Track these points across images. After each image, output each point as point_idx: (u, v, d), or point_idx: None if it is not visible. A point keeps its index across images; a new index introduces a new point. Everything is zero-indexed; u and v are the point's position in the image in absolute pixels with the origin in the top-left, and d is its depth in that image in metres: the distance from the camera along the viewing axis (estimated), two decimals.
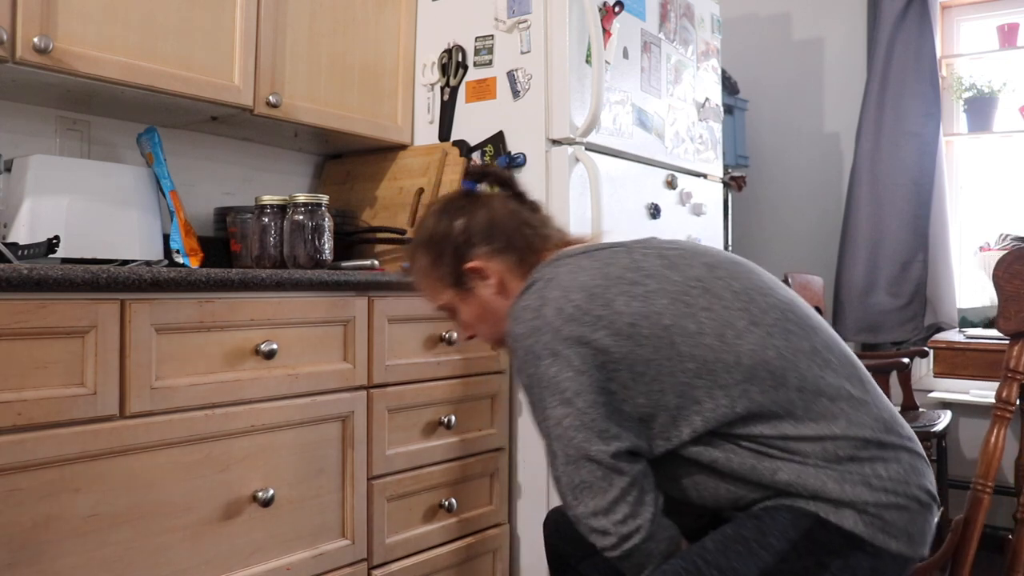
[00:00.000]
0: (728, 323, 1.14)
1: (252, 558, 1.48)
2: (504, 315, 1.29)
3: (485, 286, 1.33)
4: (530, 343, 1.17)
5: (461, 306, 1.36)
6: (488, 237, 1.31)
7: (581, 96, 2.06)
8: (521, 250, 1.32)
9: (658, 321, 1.14)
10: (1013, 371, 1.43)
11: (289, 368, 1.54)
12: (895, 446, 1.15)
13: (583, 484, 1.14)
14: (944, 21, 3.36)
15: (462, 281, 1.33)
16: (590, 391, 1.13)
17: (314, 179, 2.49)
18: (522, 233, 1.33)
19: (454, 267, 1.33)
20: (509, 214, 1.34)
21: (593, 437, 1.13)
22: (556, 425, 1.15)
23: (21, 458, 1.18)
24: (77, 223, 1.69)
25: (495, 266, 1.31)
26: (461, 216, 1.33)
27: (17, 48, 1.52)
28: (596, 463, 1.12)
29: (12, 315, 1.17)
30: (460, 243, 1.32)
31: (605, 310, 1.15)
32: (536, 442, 2.04)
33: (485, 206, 1.34)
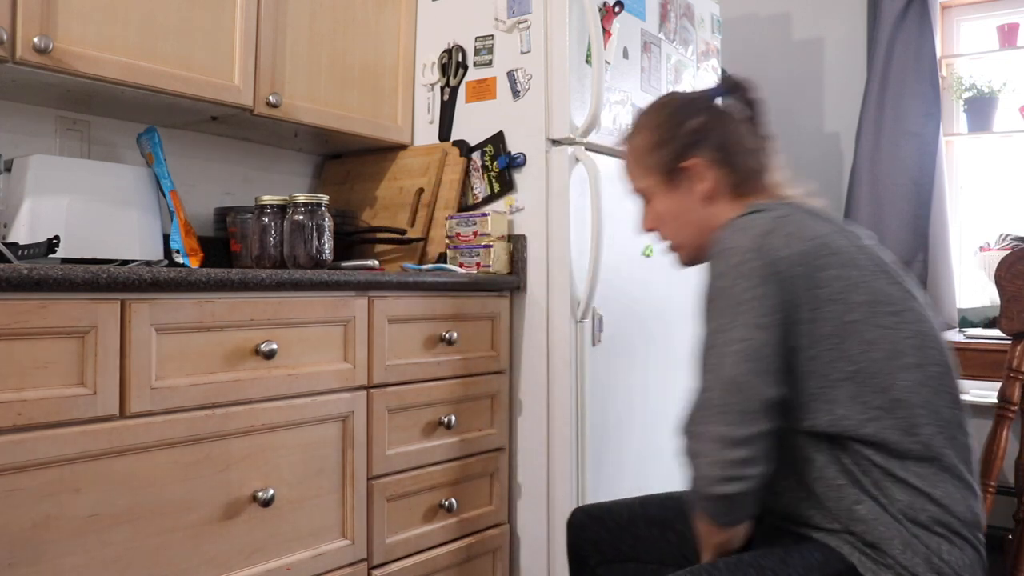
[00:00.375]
0: (900, 352, 1.13)
1: (252, 558, 1.48)
2: (697, 223, 1.30)
3: (694, 189, 1.30)
4: (743, 258, 1.13)
5: (660, 197, 1.34)
6: (718, 147, 1.29)
7: (581, 96, 2.06)
8: (742, 174, 1.30)
9: (846, 313, 1.13)
10: (1016, 371, 1.45)
11: (289, 368, 1.54)
12: (969, 541, 1.13)
13: (727, 407, 1.09)
14: (944, 21, 3.36)
15: (674, 175, 1.31)
16: (775, 333, 1.11)
17: (314, 179, 2.49)
18: (750, 159, 1.30)
19: (673, 159, 1.31)
20: (744, 136, 1.31)
21: (763, 373, 1.10)
22: (728, 343, 1.11)
23: (21, 458, 1.18)
24: (77, 223, 1.69)
25: (712, 175, 1.29)
26: (701, 116, 1.31)
27: (17, 48, 1.52)
28: (753, 397, 1.09)
29: (12, 315, 1.17)
30: (689, 140, 1.30)
31: (819, 272, 1.13)
32: (536, 442, 2.04)
33: (726, 118, 1.32)
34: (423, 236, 2.15)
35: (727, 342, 1.11)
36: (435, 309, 1.85)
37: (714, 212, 1.31)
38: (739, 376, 1.09)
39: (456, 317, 1.91)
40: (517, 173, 2.09)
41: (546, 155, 2.05)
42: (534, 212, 2.06)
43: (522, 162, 2.07)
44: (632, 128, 1.39)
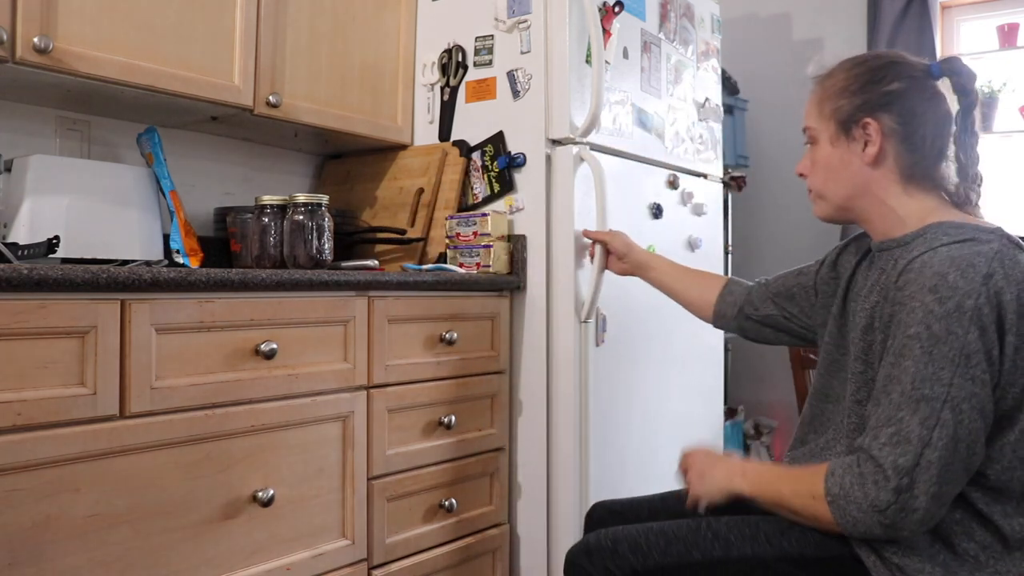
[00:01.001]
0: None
1: (252, 558, 1.48)
2: (850, 184, 1.24)
3: (861, 149, 1.23)
4: (977, 304, 1.05)
5: (823, 144, 1.28)
6: (906, 120, 1.20)
7: (581, 96, 2.06)
8: (921, 158, 1.21)
9: None
10: None
11: (289, 368, 1.54)
12: None
13: (949, 468, 1.04)
14: (944, 21, 3.36)
15: (848, 125, 1.24)
16: (989, 389, 1.06)
17: (314, 179, 2.49)
18: (935, 146, 1.21)
19: (853, 112, 1.23)
20: (942, 123, 1.22)
21: (983, 432, 1.06)
22: (958, 399, 1.04)
23: (21, 458, 1.18)
24: (77, 223, 1.69)
25: (886, 144, 1.21)
26: (904, 83, 1.21)
27: (17, 48, 1.51)
28: (975, 462, 1.06)
29: (12, 315, 1.17)
30: (877, 100, 1.22)
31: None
32: (536, 442, 2.04)
33: (931, 96, 1.22)
34: (423, 236, 2.15)
35: (957, 398, 1.04)
36: (435, 309, 1.85)
37: (872, 181, 1.23)
38: (967, 437, 1.04)
39: (456, 317, 1.90)
40: (517, 173, 2.09)
41: (548, 155, 2.05)
42: (534, 212, 2.06)
43: (522, 162, 2.07)
44: (831, 68, 1.31)
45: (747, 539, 1.17)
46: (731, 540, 1.17)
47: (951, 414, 1.03)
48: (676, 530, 1.21)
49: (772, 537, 1.17)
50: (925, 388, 1.04)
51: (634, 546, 1.22)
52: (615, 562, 1.21)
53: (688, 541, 1.19)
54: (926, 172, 1.22)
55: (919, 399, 1.04)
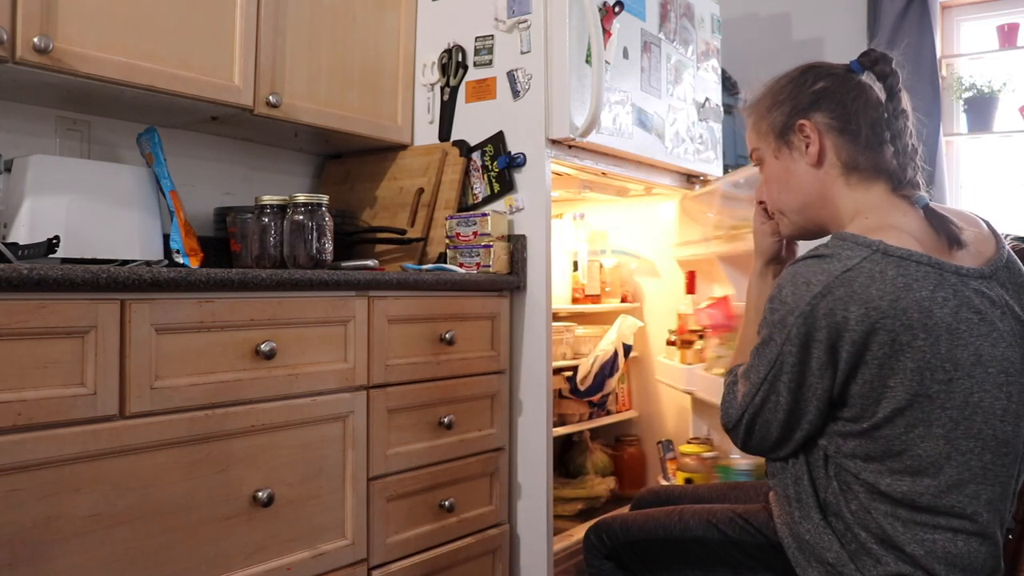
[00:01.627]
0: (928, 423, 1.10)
1: (252, 558, 1.48)
2: (800, 190, 1.26)
3: (802, 151, 1.25)
4: (789, 319, 1.12)
5: (769, 160, 1.31)
6: (838, 113, 1.23)
7: (581, 96, 2.06)
8: (860, 147, 1.22)
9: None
10: None
11: (289, 368, 1.54)
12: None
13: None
14: (944, 21, 3.36)
15: (786, 133, 1.26)
16: (795, 399, 1.17)
17: (314, 179, 2.49)
18: (871, 134, 1.22)
19: (786, 117, 1.26)
20: (872, 109, 1.23)
21: (784, 428, 1.22)
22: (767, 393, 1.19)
23: (21, 458, 1.18)
24: (77, 223, 1.68)
25: (824, 141, 1.23)
26: (828, 81, 1.25)
27: (17, 48, 1.51)
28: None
29: (12, 315, 1.17)
30: (806, 101, 1.24)
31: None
32: (536, 442, 2.04)
33: (857, 88, 1.24)
34: (423, 236, 2.15)
35: (766, 393, 1.17)
36: (435, 309, 1.85)
37: (819, 181, 1.24)
38: (775, 420, 1.19)
39: (456, 317, 1.90)
40: (517, 173, 2.09)
41: (546, 155, 2.05)
42: (534, 212, 2.06)
43: (522, 162, 2.07)
44: (758, 92, 1.35)
45: (701, 525, 1.38)
46: (689, 524, 1.39)
47: (760, 401, 1.18)
48: (657, 514, 1.45)
49: (721, 524, 1.36)
50: (751, 373, 1.19)
51: (623, 525, 1.48)
52: (609, 536, 1.48)
53: (659, 522, 1.43)
54: (868, 160, 1.22)
55: (748, 372, 1.20)
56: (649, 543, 1.43)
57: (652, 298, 2.80)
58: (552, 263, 2.08)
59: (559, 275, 2.45)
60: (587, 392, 2.47)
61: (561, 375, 2.46)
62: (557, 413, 2.40)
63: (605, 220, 2.85)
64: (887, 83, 1.25)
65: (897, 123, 1.22)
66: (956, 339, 1.07)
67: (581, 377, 2.46)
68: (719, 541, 1.35)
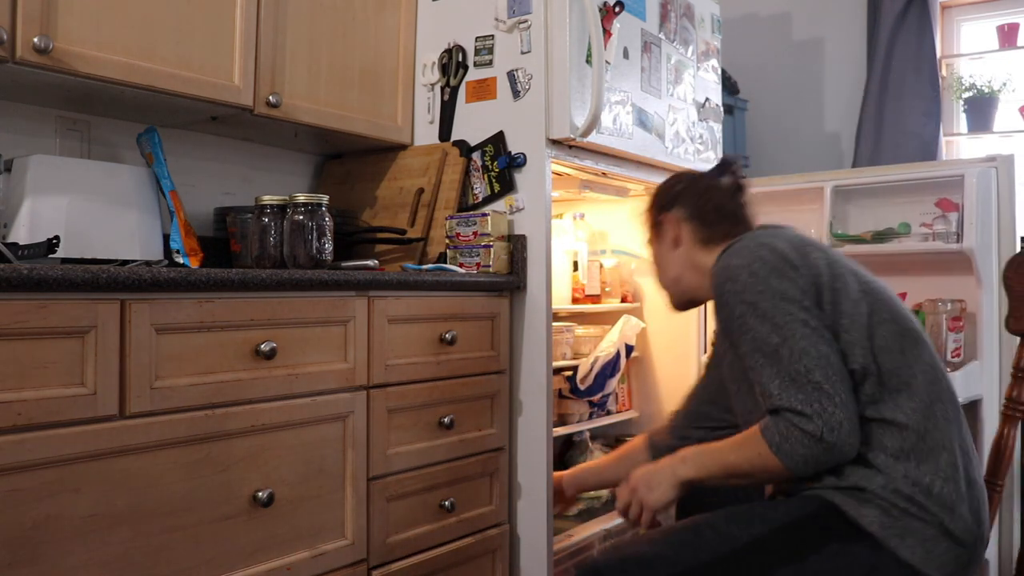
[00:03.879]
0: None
1: (252, 558, 1.48)
2: (670, 268, 1.62)
3: (668, 238, 1.61)
4: (754, 266, 1.34)
5: (651, 246, 1.68)
6: (688, 206, 1.59)
7: (581, 96, 2.06)
8: (711, 227, 1.57)
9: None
10: (1022, 371, 1.44)
11: (289, 368, 1.54)
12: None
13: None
14: (944, 21, 3.36)
15: (656, 228, 1.64)
16: (812, 309, 1.32)
17: (314, 179, 2.49)
18: (721, 217, 1.57)
19: (657, 213, 1.64)
20: (719, 201, 1.59)
21: (833, 341, 1.34)
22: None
23: (21, 458, 1.18)
24: (77, 223, 1.68)
25: (681, 228, 1.59)
26: (684, 182, 1.64)
27: (17, 48, 1.51)
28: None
29: (12, 315, 1.17)
30: (669, 200, 1.62)
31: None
32: (536, 442, 2.04)
33: (703, 185, 1.62)
34: (423, 236, 2.15)
35: (797, 329, 1.28)
36: (435, 309, 1.85)
37: (685, 257, 1.59)
38: (827, 347, 1.29)
39: (456, 317, 1.90)
40: (517, 173, 2.09)
41: (546, 155, 2.05)
42: (534, 212, 2.06)
43: (522, 162, 2.07)
44: (652, 194, 1.70)
45: (745, 525, 1.27)
46: (733, 533, 1.26)
47: (804, 342, 1.26)
48: (679, 537, 1.29)
49: (765, 514, 1.28)
50: (773, 339, 1.27)
51: (642, 562, 1.27)
52: None
53: (694, 545, 1.26)
54: (718, 235, 1.55)
55: (775, 349, 1.27)
56: (694, 573, 1.26)
57: (652, 298, 2.80)
58: (552, 263, 2.08)
59: (559, 275, 2.45)
60: (587, 392, 2.47)
61: (561, 375, 2.46)
62: (557, 413, 2.40)
63: (605, 220, 2.85)
64: (737, 180, 1.62)
65: (739, 206, 1.59)
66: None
67: (581, 377, 2.46)
68: (772, 532, 1.26)
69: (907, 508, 1.21)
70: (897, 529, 1.20)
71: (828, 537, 1.22)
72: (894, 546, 1.20)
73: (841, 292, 1.32)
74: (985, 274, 2.32)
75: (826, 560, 1.21)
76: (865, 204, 2.60)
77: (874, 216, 2.57)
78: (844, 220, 2.62)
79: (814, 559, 1.21)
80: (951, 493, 1.23)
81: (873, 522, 1.21)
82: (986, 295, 2.33)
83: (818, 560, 1.21)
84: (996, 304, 2.35)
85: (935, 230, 2.37)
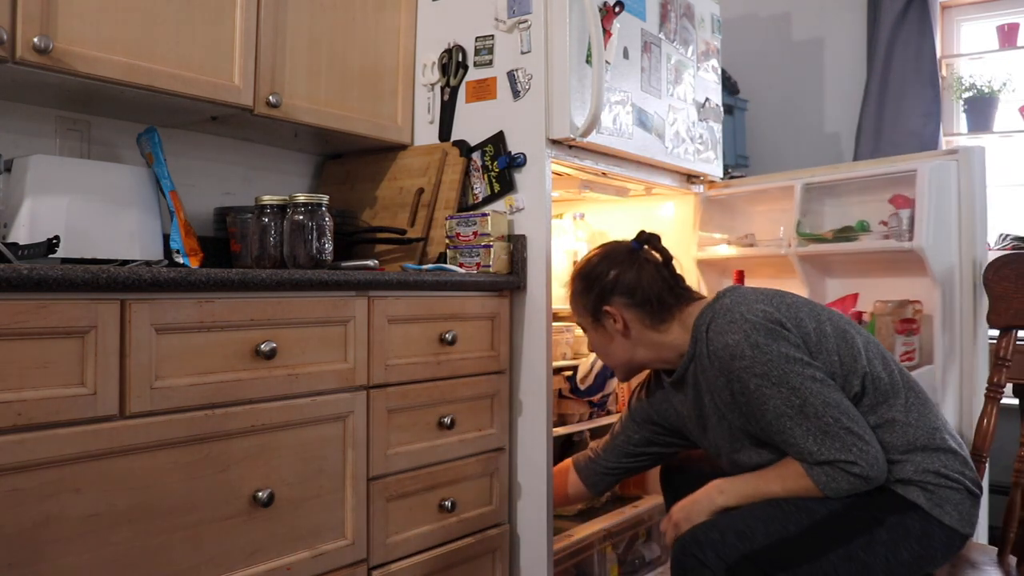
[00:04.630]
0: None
1: (252, 558, 1.48)
2: (621, 353, 1.65)
3: (614, 326, 1.63)
4: (752, 338, 1.44)
5: (591, 333, 1.70)
6: (629, 293, 1.61)
7: (581, 96, 2.06)
8: (653, 306, 1.61)
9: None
10: (1002, 359, 1.69)
11: (289, 368, 1.54)
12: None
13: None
14: (944, 21, 3.36)
15: (598, 315, 1.65)
16: (812, 361, 1.47)
17: (314, 179, 2.49)
18: (658, 297, 1.61)
19: (596, 303, 1.64)
20: (652, 280, 1.62)
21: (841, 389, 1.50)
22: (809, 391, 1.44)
23: (21, 458, 1.18)
24: (77, 223, 1.68)
25: (627, 314, 1.62)
26: (617, 268, 1.63)
27: (17, 48, 1.51)
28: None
29: (12, 315, 1.17)
30: (606, 288, 1.63)
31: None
32: (536, 442, 2.04)
33: (637, 267, 1.63)
34: (423, 236, 2.15)
35: (812, 385, 1.42)
36: (435, 309, 1.85)
37: (637, 341, 1.63)
38: (840, 394, 1.44)
39: (456, 317, 1.90)
40: (517, 173, 2.09)
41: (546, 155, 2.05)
42: (534, 212, 2.06)
43: (522, 162, 2.07)
44: (571, 276, 1.72)
45: (822, 502, 1.41)
46: (812, 507, 1.40)
47: (822, 395, 1.40)
48: (767, 512, 1.42)
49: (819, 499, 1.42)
50: (795, 401, 1.41)
51: (739, 533, 1.40)
52: (725, 551, 1.38)
53: (780, 518, 1.40)
54: (663, 311, 1.61)
55: (800, 409, 1.41)
56: (783, 544, 1.39)
57: None
58: (552, 263, 2.08)
59: (559, 275, 2.45)
60: (587, 392, 2.47)
61: (561, 375, 2.46)
62: (557, 413, 2.40)
63: (605, 220, 2.85)
64: (664, 254, 1.66)
65: (673, 277, 1.65)
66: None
67: (581, 377, 2.45)
68: (845, 507, 1.40)
69: (940, 483, 1.41)
70: (937, 500, 1.41)
71: (888, 510, 1.40)
72: (938, 514, 1.40)
73: (825, 333, 1.49)
74: (940, 273, 2.17)
75: (889, 530, 1.39)
76: (835, 203, 2.52)
77: (842, 214, 2.47)
78: (819, 218, 2.52)
79: (879, 531, 1.39)
80: (959, 458, 1.45)
81: (919, 497, 1.41)
82: (944, 296, 2.18)
83: (882, 532, 1.39)
84: (958, 304, 2.20)
85: (890, 227, 2.26)
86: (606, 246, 1.72)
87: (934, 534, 1.40)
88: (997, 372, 1.69)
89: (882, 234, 2.30)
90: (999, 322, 1.71)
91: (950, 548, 1.42)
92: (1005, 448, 2.01)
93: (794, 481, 1.43)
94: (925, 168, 2.19)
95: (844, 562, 1.38)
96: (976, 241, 2.19)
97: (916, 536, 1.39)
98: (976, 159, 2.21)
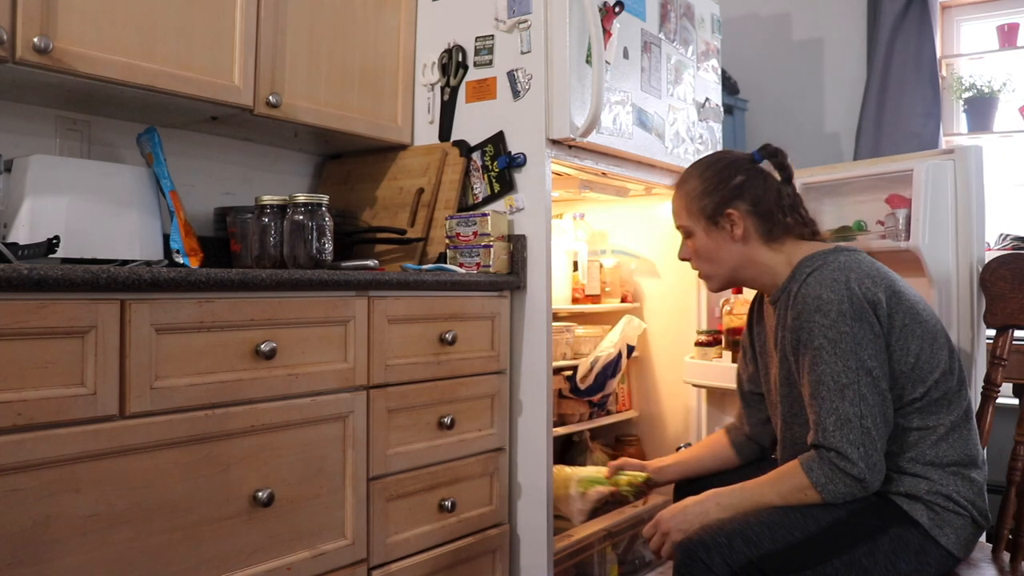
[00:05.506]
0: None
1: (252, 558, 1.48)
2: (731, 261, 1.62)
3: (731, 232, 1.60)
4: (843, 307, 1.43)
5: (700, 236, 1.64)
6: (755, 201, 1.59)
7: (581, 96, 2.06)
8: (772, 223, 1.59)
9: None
10: (998, 358, 1.72)
11: (289, 368, 1.54)
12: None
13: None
14: (944, 21, 3.36)
15: (716, 218, 1.61)
16: (883, 360, 1.46)
17: (314, 179, 2.49)
18: (779, 212, 1.60)
19: (719, 205, 1.60)
20: (777, 194, 1.61)
21: (888, 393, 1.49)
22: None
23: (21, 458, 1.18)
24: (77, 223, 1.68)
25: (747, 223, 1.59)
26: (743, 175, 1.61)
27: (17, 48, 1.51)
28: (886, 432, 1.50)
29: (12, 315, 1.17)
30: (732, 192, 1.60)
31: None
32: (536, 442, 2.04)
33: (764, 177, 1.62)
34: (423, 236, 2.15)
35: (864, 376, 1.42)
36: (435, 309, 1.85)
37: (746, 252, 1.61)
38: (882, 398, 1.43)
39: (456, 317, 1.90)
40: (517, 173, 2.09)
41: (546, 155, 2.05)
42: (534, 212, 2.06)
43: (522, 162, 2.07)
44: (685, 175, 1.68)
45: (826, 509, 1.42)
46: (816, 515, 1.41)
47: (866, 389, 1.41)
48: (773, 518, 1.42)
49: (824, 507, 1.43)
50: (842, 378, 1.42)
51: (746, 539, 1.39)
52: (732, 556, 1.38)
53: (787, 525, 1.41)
54: (779, 230, 1.60)
55: (842, 388, 1.42)
56: (789, 550, 1.39)
57: (652, 298, 2.80)
58: (552, 263, 2.08)
59: (559, 275, 2.45)
60: (587, 392, 2.47)
61: (561, 375, 2.46)
62: (557, 413, 2.40)
63: (605, 220, 2.85)
64: (784, 172, 1.64)
65: (794, 198, 1.63)
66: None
67: (581, 377, 2.46)
68: (849, 514, 1.42)
69: (947, 506, 1.43)
70: (939, 522, 1.43)
71: (891, 522, 1.42)
72: (936, 535, 1.42)
73: (914, 334, 1.47)
74: (937, 273, 2.15)
75: (889, 541, 1.40)
76: (835, 203, 2.51)
77: (842, 214, 2.47)
78: (818, 218, 2.47)
79: (882, 539, 1.40)
80: (976, 488, 1.47)
81: (922, 515, 1.43)
82: (941, 295, 2.15)
83: (885, 540, 1.40)
84: (955, 304, 2.17)
85: (887, 227, 2.26)
86: (724, 152, 1.71)
87: (930, 552, 1.42)
88: (994, 371, 1.71)
89: (879, 234, 2.30)
90: (996, 322, 1.73)
91: (943, 568, 1.44)
92: (1001, 447, 2.01)
93: (790, 480, 1.45)
94: (921, 168, 2.18)
95: (846, 568, 1.39)
96: (974, 241, 2.17)
97: (913, 551, 1.41)
98: (973, 159, 2.19)
